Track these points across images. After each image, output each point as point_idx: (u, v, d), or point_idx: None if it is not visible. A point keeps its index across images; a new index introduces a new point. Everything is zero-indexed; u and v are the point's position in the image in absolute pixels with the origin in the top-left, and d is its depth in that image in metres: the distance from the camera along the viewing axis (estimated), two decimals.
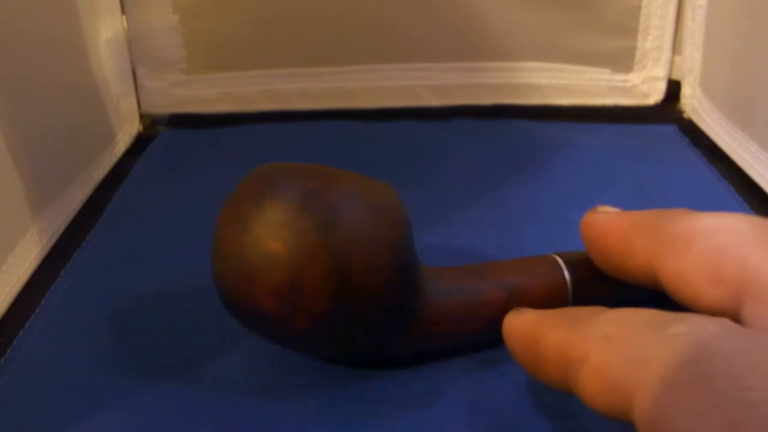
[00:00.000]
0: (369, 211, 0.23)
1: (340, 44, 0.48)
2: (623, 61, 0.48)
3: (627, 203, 0.37)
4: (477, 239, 0.34)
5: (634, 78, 0.48)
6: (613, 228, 0.24)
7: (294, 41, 0.48)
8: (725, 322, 0.16)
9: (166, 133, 0.48)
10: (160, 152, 0.45)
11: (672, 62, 0.48)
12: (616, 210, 0.25)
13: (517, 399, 0.25)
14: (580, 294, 0.26)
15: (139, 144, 0.47)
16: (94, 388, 0.25)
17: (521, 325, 0.22)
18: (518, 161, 0.42)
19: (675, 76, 0.49)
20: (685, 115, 0.48)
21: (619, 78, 0.49)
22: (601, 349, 0.18)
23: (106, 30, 0.44)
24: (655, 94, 0.49)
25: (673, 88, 0.49)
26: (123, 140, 0.46)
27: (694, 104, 0.47)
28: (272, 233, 0.21)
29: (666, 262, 0.21)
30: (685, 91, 0.48)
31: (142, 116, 0.49)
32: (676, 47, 0.48)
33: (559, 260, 0.26)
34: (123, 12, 0.46)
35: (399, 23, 0.48)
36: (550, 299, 0.25)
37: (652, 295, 0.24)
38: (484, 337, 0.26)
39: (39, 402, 0.25)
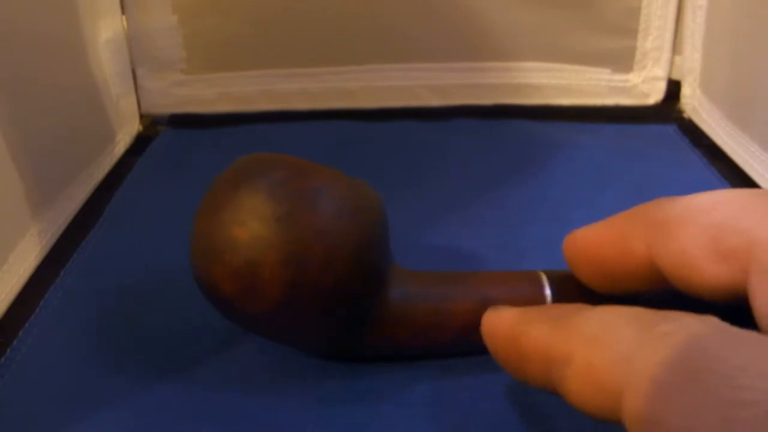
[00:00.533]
0: (335, 206, 0.23)
1: (340, 44, 0.48)
2: (623, 61, 0.48)
3: (627, 203, 0.37)
4: (477, 239, 0.34)
5: (634, 78, 0.48)
6: (600, 235, 0.23)
7: (294, 41, 0.48)
8: (712, 320, 0.16)
9: (166, 133, 0.48)
10: (160, 152, 0.45)
11: (672, 62, 0.48)
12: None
13: (519, 399, 0.24)
14: None
15: (139, 144, 0.47)
16: (94, 388, 0.25)
17: (500, 323, 0.21)
18: (518, 161, 0.42)
19: (675, 76, 0.48)
20: (685, 115, 0.48)
21: (619, 78, 0.49)
22: (587, 347, 0.17)
23: (106, 30, 0.44)
24: (655, 94, 0.49)
25: (673, 88, 0.49)
26: (123, 140, 0.46)
27: (694, 104, 0.47)
28: (237, 219, 0.22)
29: (663, 247, 0.20)
30: (685, 91, 0.48)
31: (142, 116, 0.49)
32: (676, 47, 0.48)
33: (543, 277, 0.26)
34: (123, 12, 0.46)
35: (399, 23, 0.48)
36: None
37: None
38: (455, 347, 0.26)
39: (39, 402, 0.25)
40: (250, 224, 0.22)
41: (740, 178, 0.39)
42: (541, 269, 0.26)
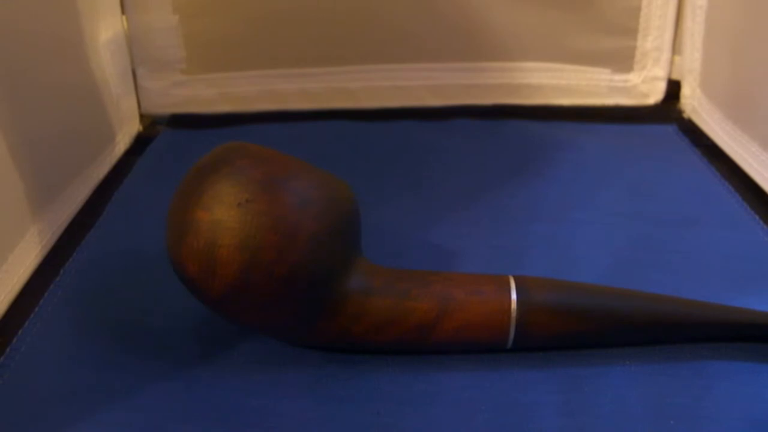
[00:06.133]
0: (297, 197, 0.24)
1: (340, 44, 0.48)
2: (623, 61, 0.48)
3: (627, 203, 0.37)
4: (477, 239, 0.34)
5: (634, 78, 0.48)
6: None
7: (294, 41, 0.48)
8: None
9: (166, 133, 0.48)
10: (159, 152, 0.45)
11: (672, 62, 0.48)
12: None
13: (515, 399, 0.25)
14: (528, 319, 0.25)
15: (139, 144, 0.47)
16: (93, 388, 0.25)
17: None
18: (518, 161, 0.42)
19: (675, 76, 0.49)
20: (685, 115, 0.48)
21: (619, 78, 0.49)
22: None
23: (106, 30, 0.44)
24: (655, 94, 0.49)
25: (673, 88, 0.49)
26: (123, 140, 0.46)
27: (693, 104, 0.47)
28: (201, 203, 0.23)
29: None
30: (685, 91, 0.48)
31: (142, 116, 0.49)
32: (675, 47, 0.48)
33: (512, 281, 0.26)
34: (123, 12, 0.46)
35: (399, 23, 0.48)
36: (488, 318, 0.25)
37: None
38: (412, 346, 0.26)
39: (39, 402, 0.25)
40: (213, 208, 0.23)
41: (740, 178, 0.39)
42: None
